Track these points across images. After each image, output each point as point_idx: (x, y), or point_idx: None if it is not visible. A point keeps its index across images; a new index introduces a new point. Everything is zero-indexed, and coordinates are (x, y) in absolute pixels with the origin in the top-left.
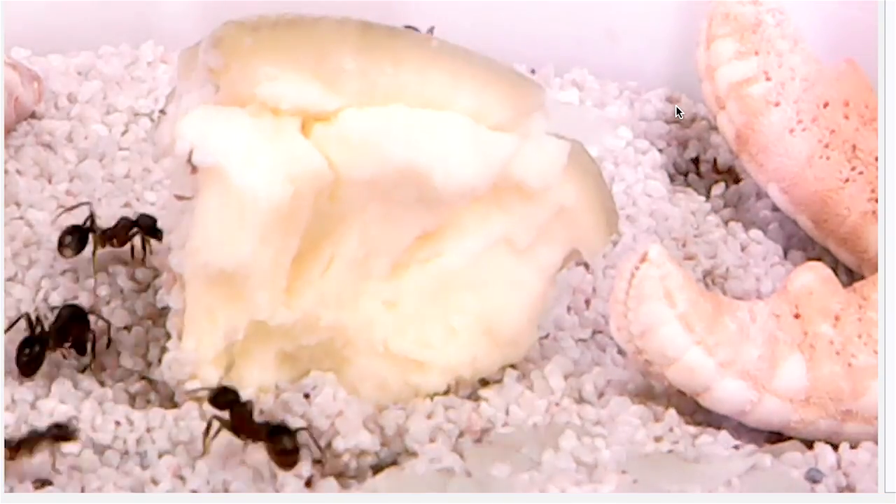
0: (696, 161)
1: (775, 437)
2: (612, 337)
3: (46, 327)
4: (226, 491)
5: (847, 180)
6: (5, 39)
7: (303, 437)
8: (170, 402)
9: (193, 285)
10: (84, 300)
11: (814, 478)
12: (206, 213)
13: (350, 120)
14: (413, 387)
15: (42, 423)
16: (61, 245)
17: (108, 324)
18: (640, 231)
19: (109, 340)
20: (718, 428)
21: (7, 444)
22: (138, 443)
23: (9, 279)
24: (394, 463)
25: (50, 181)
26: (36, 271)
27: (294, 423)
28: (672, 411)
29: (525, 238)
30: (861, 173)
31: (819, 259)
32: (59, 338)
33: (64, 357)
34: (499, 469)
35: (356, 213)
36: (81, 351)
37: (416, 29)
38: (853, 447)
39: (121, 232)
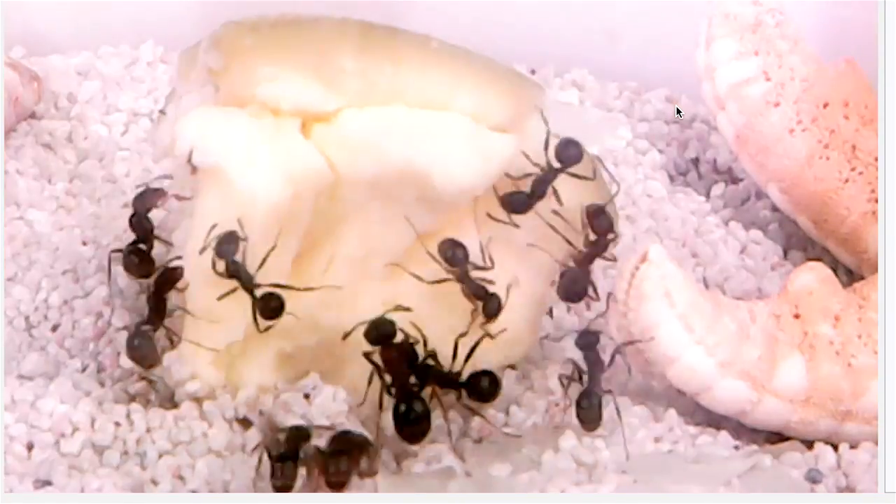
0: (695, 161)
1: (775, 437)
2: (612, 337)
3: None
4: (226, 491)
5: (847, 180)
6: (5, 39)
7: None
8: (170, 402)
9: (193, 286)
10: (83, 301)
11: (814, 478)
12: (206, 214)
13: (350, 120)
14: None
15: (42, 424)
16: None
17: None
18: (640, 231)
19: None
20: (718, 428)
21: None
22: (138, 443)
23: (8, 279)
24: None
25: (50, 181)
26: (36, 271)
27: None
28: (672, 411)
29: (525, 238)
30: (861, 173)
31: (819, 259)
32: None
33: None
34: (499, 469)
35: (356, 213)
36: None
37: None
38: (853, 447)
39: None
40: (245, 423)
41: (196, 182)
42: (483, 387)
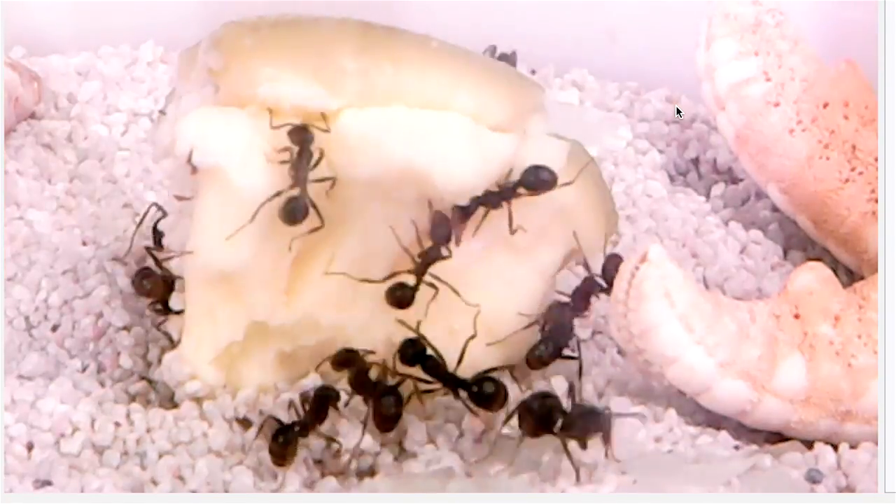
0: (695, 161)
1: (775, 437)
2: (612, 337)
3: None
4: (226, 491)
5: (847, 181)
6: (5, 39)
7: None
8: (170, 402)
9: (193, 286)
10: (83, 301)
11: (814, 478)
12: (206, 214)
13: (350, 120)
14: (412, 387)
15: (42, 424)
16: None
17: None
18: (640, 231)
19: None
20: (718, 428)
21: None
22: (138, 443)
23: (8, 279)
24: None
25: (50, 181)
26: (36, 272)
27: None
28: (672, 411)
29: (524, 238)
30: (861, 174)
31: (819, 259)
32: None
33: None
34: (499, 469)
35: (356, 213)
36: None
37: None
38: (853, 447)
39: None
40: (245, 423)
41: (196, 182)
42: (487, 392)
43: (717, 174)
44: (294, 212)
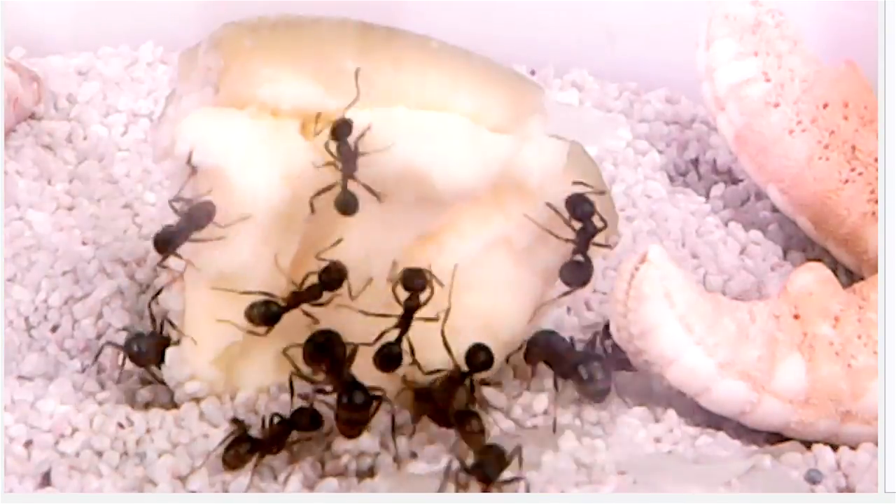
0: (695, 162)
1: (775, 437)
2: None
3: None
4: (225, 491)
5: (846, 181)
6: (5, 39)
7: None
8: (170, 402)
9: (193, 286)
10: (83, 301)
11: (813, 478)
12: None
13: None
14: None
15: (42, 424)
16: None
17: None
18: (639, 232)
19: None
20: (718, 429)
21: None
22: (138, 443)
23: (8, 280)
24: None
25: (49, 182)
26: (35, 272)
27: None
28: (672, 412)
29: (524, 238)
30: (860, 174)
31: (819, 260)
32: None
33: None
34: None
35: (356, 213)
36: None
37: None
38: (853, 448)
39: None
40: (243, 424)
41: (196, 183)
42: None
43: (717, 174)
44: (346, 204)
